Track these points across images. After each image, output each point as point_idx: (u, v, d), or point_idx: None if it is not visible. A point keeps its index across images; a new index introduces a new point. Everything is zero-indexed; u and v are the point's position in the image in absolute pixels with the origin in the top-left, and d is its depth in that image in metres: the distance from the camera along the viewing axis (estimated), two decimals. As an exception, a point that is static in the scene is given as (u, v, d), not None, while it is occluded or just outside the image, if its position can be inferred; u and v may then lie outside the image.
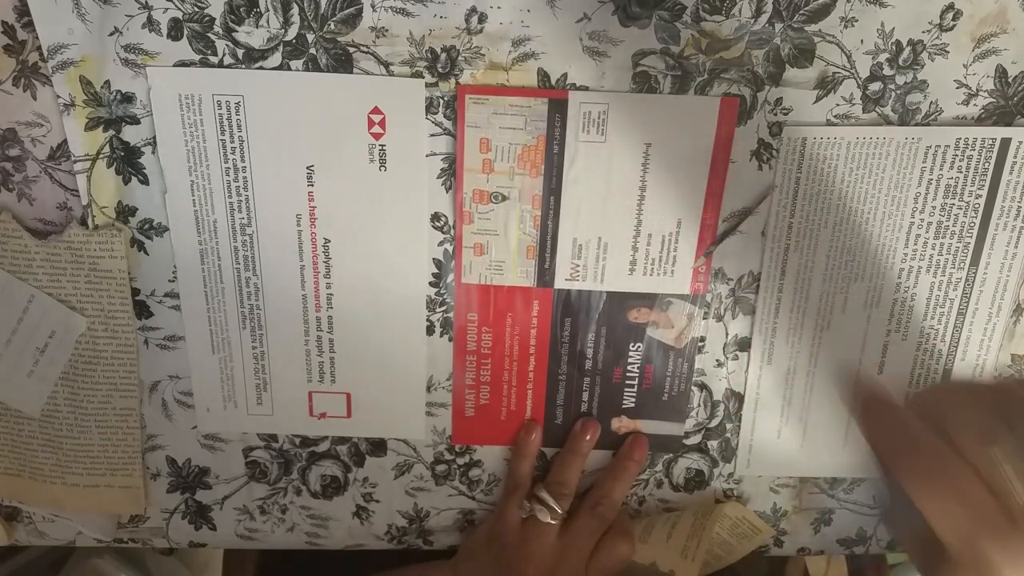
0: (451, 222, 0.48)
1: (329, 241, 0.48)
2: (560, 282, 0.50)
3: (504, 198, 0.47)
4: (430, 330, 0.51)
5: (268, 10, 0.43)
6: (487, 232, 0.48)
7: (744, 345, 0.52)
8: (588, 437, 0.53)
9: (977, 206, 0.49)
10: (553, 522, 0.51)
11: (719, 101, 0.45)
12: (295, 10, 0.43)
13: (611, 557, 0.52)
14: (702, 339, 0.51)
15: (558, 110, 0.45)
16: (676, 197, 0.47)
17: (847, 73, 0.45)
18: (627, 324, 0.51)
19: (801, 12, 0.44)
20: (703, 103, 0.45)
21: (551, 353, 0.51)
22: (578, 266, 0.49)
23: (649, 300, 0.50)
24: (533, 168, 0.47)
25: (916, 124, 0.47)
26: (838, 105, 0.46)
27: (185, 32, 0.43)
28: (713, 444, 0.54)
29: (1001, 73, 0.46)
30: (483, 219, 0.48)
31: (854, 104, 0.46)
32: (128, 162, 0.46)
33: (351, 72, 0.44)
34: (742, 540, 0.55)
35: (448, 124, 0.46)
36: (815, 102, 0.46)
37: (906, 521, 0.31)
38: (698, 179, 0.47)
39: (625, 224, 0.48)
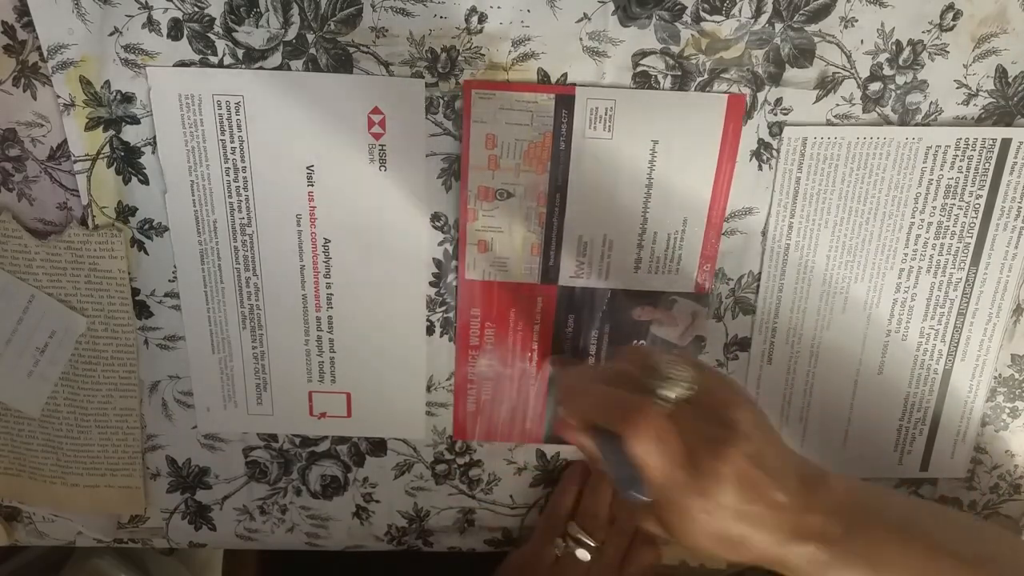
0: (451, 222, 0.48)
1: (329, 241, 0.48)
2: (564, 279, 0.50)
3: (509, 195, 0.47)
4: (430, 330, 0.51)
5: (268, 10, 0.43)
6: (492, 229, 0.48)
7: (744, 345, 0.52)
8: None
9: (977, 206, 0.49)
10: (589, 557, 0.51)
11: (726, 98, 0.45)
12: (295, 10, 0.43)
13: (640, 567, 0.51)
14: (702, 339, 0.51)
15: (565, 106, 0.45)
16: (682, 195, 0.47)
17: (847, 73, 0.45)
18: (631, 322, 0.51)
19: (801, 12, 0.44)
20: (710, 100, 0.45)
21: (554, 349, 0.51)
22: (583, 263, 0.49)
23: (653, 298, 0.50)
24: (539, 165, 0.47)
25: (916, 124, 0.47)
26: (838, 105, 0.46)
27: (185, 32, 0.43)
28: (713, 444, 0.54)
29: (1001, 73, 0.46)
30: (488, 216, 0.48)
31: (854, 104, 0.46)
32: (128, 162, 0.46)
33: (351, 72, 0.44)
34: None
35: (448, 124, 0.46)
36: (815, 102, 0.46)
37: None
38: (705, 177, 0.47)
39: (631, 222, 0.48)
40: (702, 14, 0.44)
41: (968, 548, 0.39)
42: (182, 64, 0.44)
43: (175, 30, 0.43)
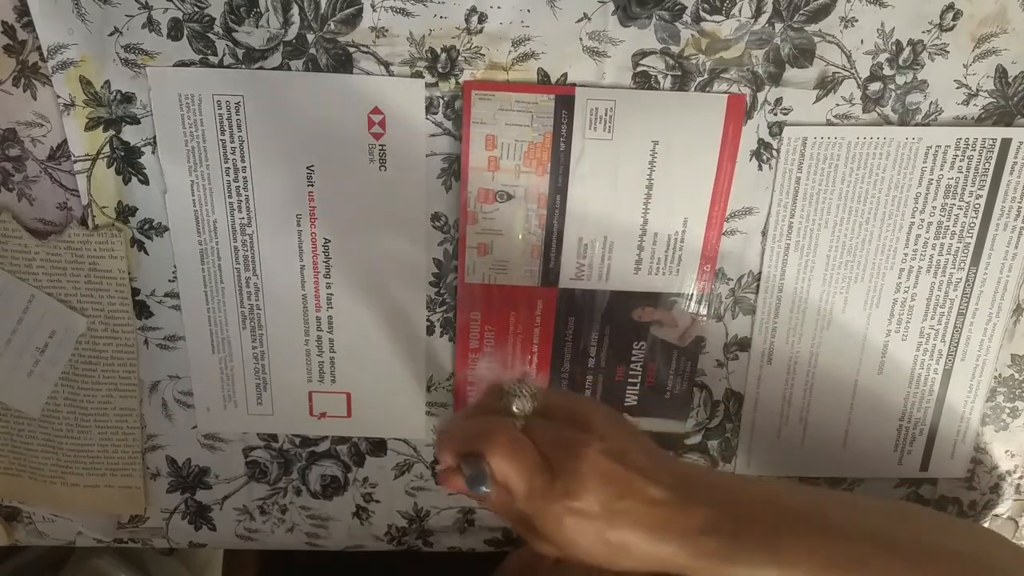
0: (451, 222, 0.48)
1: (329, 241, 0.48)
2: (565, 281, 0.50)
3: (510, 197, 0.47)
4: (430, 330, 0.51)
5: (268, 10, 0.43)
6: (491, 232, 0.48)
7: (744, 345, 0.52)
8: None
9: (977, 206, 0.49)
10: None
11: (726, 99, 0.45)
12: (295, 10, 0.43)
13: None
14: (702, 339, 0.51)
15: (565, 106, 0.45)
16: (683, 195, 0.47)
17: (847, 73, 0.45)
18: (631, 323, 0.51)
19: (801, 12, 0.44)
20: (710, 100, 0.45)
21: (554, 351, 0.51)
22: (583, 265, 0.49)
23: (653, 299, 0.50)
24: (539, 166, 0.47)
25: (916, 124, 0.47)
26: (838, 105, 0.46)
27: (185, 32, 0.43)
28: (713, 444, 0.54)
29: (1001, 73, 0.46)
30: (487, 219, 0.48)
31: (854, 104, 0.46)
32: (128, 162, 0.46)
33: (351, 72, 0.44)
34: None
35: (448, 124, 0.46)
36: (815, 102, 0.46)
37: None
38: (705, 177, 0.47)
39: (631, 223, 0.48)
40: (702, 14, 0.44)
41: (884, 530, 0.37)
42: (182, 64, 0.44)
43: (175, 30, 0.43)
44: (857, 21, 0.44)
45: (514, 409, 0.38)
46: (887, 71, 0.45)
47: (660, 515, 0.35)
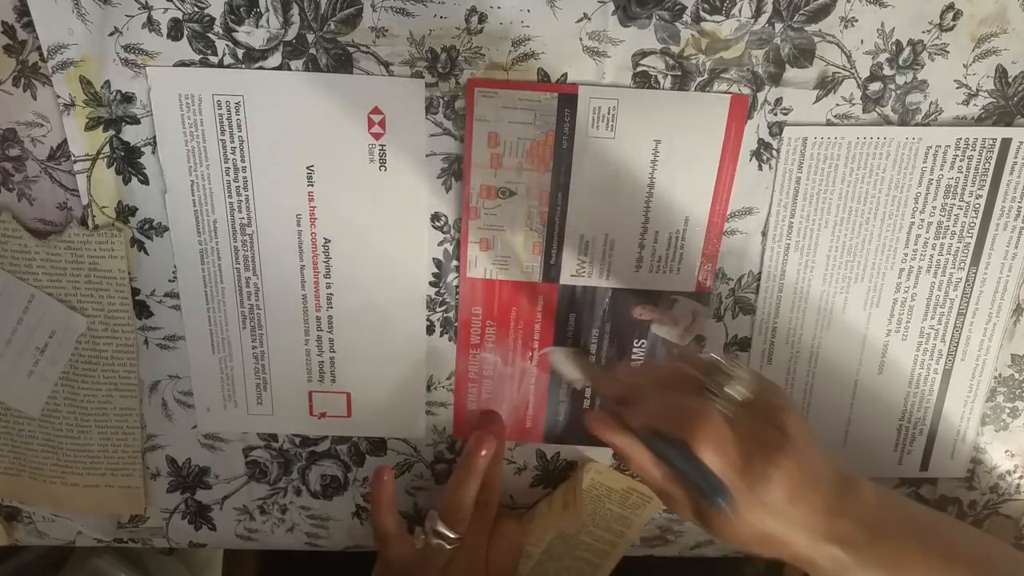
0: (451, 222, 0.48)
1: (329, 241, 0.48)
2: (566, 278, 0.50)
3: (512, 193, 0.47)
4: (430, 330, 0.51)
5: (268, 10, 0.43)
6: (493, 228, 0.48)
7: (744, 345, 0.52)
8: (483, 453, 0.50)
9: (977, 206, 0.49)
10: (451, 547, 0.50)
11: (729, 99, 0.45)
12: (295, 10, 0.43)
13: (506, 543, 0.52)
14: (703, 338, 0.51)
15: (568, 105, 0.45)
16: (684, 194, 0.47)
17: (847, 73, 0.45)
18: (631, 321, 0.51)
19: (801, 12, 0.44)
20: (713, 100, 0.45)
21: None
22: (584, 262, 0.49)
23: (654, 297, 0.50)
24: (542, 164, 0.47)
25: (916, 124, 0.47)
26: (838, 105, 0.46)
27: (185, 32, 0.43)
28: (713, 444, 0.54)
29: (1001, 73, 0.46)
30: (490, 215, 0.48)
31: (854, 104, 0.46)
32: (128, 162, 0.46)
33: (351, 72, 0.44)
34: (635, 510, 0.55)
35: (448, 124, 0.46)
36: (815, 102, 0.46)
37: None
38: (707, 177, 0.47)
39: (632, 221, 0.48)
40: (702, 14, 0.44)
41: (984, 561, 0.40)
42: (182, 64, 0.44)
43: (175, 30, 0.43)
44: (857, 21, 0.44)
45: (730, 393, 0.39)
46: (887, 71, 0.45)
47: (815, 521, 0.38)
